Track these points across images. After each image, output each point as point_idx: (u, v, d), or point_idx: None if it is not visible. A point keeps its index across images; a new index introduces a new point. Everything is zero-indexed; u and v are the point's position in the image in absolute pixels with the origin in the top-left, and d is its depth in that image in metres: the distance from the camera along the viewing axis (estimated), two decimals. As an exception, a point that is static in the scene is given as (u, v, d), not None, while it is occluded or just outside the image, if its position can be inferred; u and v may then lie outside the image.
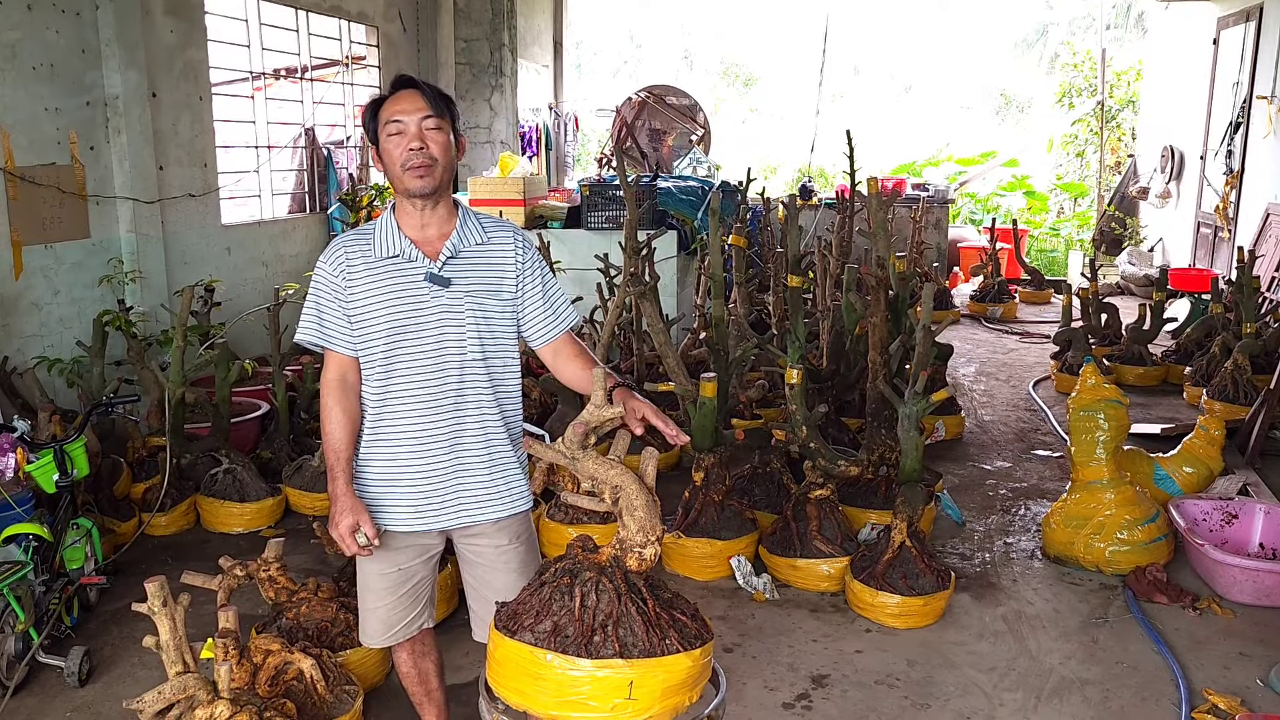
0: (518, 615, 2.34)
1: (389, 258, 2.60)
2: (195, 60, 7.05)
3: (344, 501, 2.58)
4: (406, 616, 2.81)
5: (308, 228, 8.63)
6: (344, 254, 2.61)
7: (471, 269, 2.63)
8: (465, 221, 2.66)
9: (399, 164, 2.54)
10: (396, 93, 2.56)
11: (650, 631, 2.25)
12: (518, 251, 2.69)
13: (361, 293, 2.59)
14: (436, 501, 2.66)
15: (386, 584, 2.75)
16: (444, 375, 2.61)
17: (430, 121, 2.53)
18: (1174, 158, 12.82)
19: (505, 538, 2.75)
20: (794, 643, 4.02)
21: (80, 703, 3.60)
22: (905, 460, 4.44)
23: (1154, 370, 8.14)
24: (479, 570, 2.79)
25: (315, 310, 2.64)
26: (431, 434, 2.62)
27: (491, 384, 2.66)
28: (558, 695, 2.21)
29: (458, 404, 2.63)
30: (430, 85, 2.60)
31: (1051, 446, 6.58)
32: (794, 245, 5.41)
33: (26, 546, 3.83)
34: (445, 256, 2.60)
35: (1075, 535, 4.65)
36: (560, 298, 2.78)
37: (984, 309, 11.32)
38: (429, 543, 2.76)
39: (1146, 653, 3.91)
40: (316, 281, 2.64)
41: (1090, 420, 4.71)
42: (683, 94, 13.82)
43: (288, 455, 5.71)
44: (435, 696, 2.98)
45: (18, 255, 5.67)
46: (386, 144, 2.55)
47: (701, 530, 4.62)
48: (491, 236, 2.68)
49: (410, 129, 2.52)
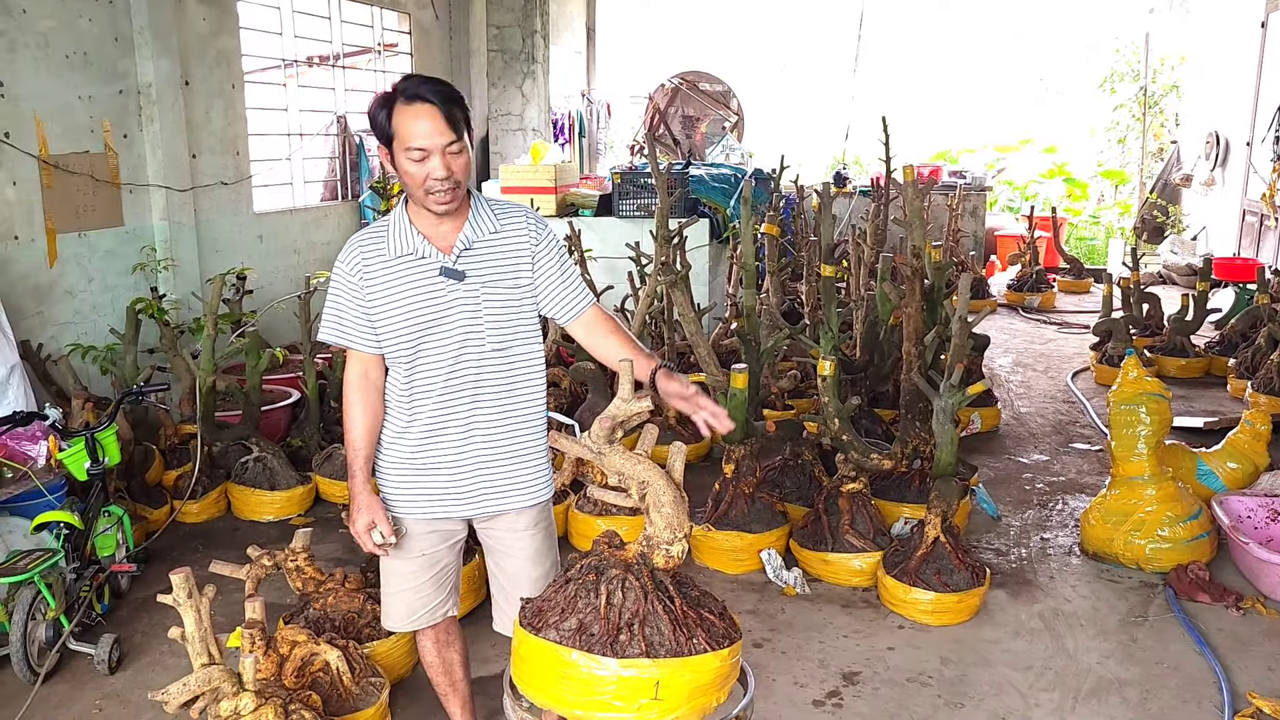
0: (543, 612, 2.31)
1: (403, 255, 2.58)
2: (228, 48, 7.06)
3: (361, 499, 2.63)
4: (430, 602, 2.81)
5: (339, 215, 8.64)
6: (360, 253, 2.60)
7: (486, 259, 2.61)
8: (478, 211, 2.63)
9: (420, 187, 2.49)
10: (412, 104, 2.44)
11: (677, 631, 2.21)
12: (530, 234, 2.66)
13: (380, 292, 2.58)
14: (459, 490, 2.67)
15: (411, 569, 2.76)
16: (463, 367, 2.60)
17: (454, 147, 2.47)
18: (1219, 144, 12.52)
19: (522, 524, 2.75)
20: (825, 639, 3.96)
21: (110, 690, 3.62)
22: (940, 453, 4.35)
23: (1197, 362, 7.96)
24: (498, 556, 2.81)
25: (335, 310, 2.65)
26: (453, 425, 2.63)
27: (510, 374, 2.65)
28: (583, 694, 2.18)
29: (477, 395, 2.62)
30: (444, 92, 2.48)
31: (1090, 439, 6.46)
32: (828, 234, 5.31)
33: (58, 534, 3.86)
34: (459, 250, 2.58)
35: (1115, 531, 4.54)
36: (577, 277, 2.73)
37: (1022, 298, 11.15)
38: (453, 529, 2.77)
39: (1188, 653, 3.81)
40: (335, 281, 2.65)
41: (1131, 414, 4.60)
42: (716, 80, 13.69)
43: (318, 443, 5.72)
44: (460, 688, 2.97)
45: (52, 243, 5.71)
46: (405, 164, 2.48)
47: (731, 523, 4.57)
48: (504, 224, 2.64)
49: (433, 158, 2.45)
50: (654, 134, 13.03)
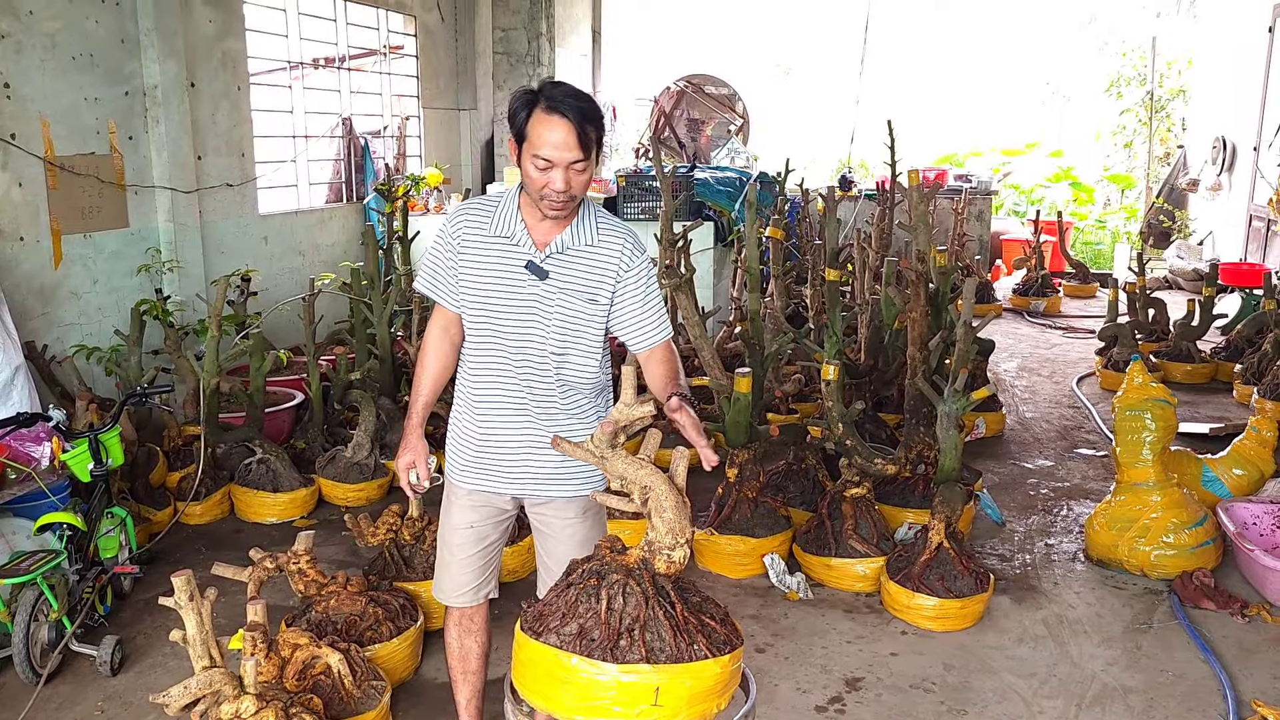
0: (543, 616, 2.30)
1: (500, 236, 2.65)
2: (233, 50, 7.07)
3: (408, 440, 2.79)
4: (476, 580, 2.89)
5: (344, 217, 8.65)
6: (464, 220, 2.69)
7: (573, 268, 2.65)
8: (584, 218, 2.66)
9: (537, 191, 2.53)
10: (550, 116, 2.45)
11: (678, 637, 2.20)
12: (624, 258, 2.67)
13: (469, 262, 2.68)
14: (506, 471, 2.76)
15: (461, 539, 2.85)
16: (521, 360, 2.67)
17: (579, 165, 2.50)
18: (1226, 149, 12.49)
19: (573, 511, 2.82)
20: (827, 644, 3.95)
21: (112, 692, 3.62)
22: (943, 459, 4.34)
23: (1203, 367, 7.93)
24: (544, 539, 2.87)
25: (431, 263, 2.75)
26: (508, 408, 2.72)
27: (560, 380, 2.70)
28: (582, 700, 2.16)
29: (528, 391, 2.70)
30: (583, 109, 2.47)
31: (1095, 445, 6.43)
32: (832, 238, 5.31)
33: (61, 535, 3.86)
34: (551, 250, 2.63)
35: (1119, 538, 4.52)
36: (658, 312, 2.76)
37: (1027, 303, 11.13)
38: (503, 506, 2.84)
39: (1193, 661, 3.79)
40: (437, 237, 2.74)
41: (1137, 420, 4.58)
42: (722, 83, 13.67)
43: (321, 446, 5.72)
44: (471, 679, 3.02)
45: (57, 244, 5.72)
46: (529, 167, 2.51)
47: (735, 527, 4.56)
48: (603, 239, 2.67)
49: (556, 171, 2.48)
50: (659, 137, 13.03)
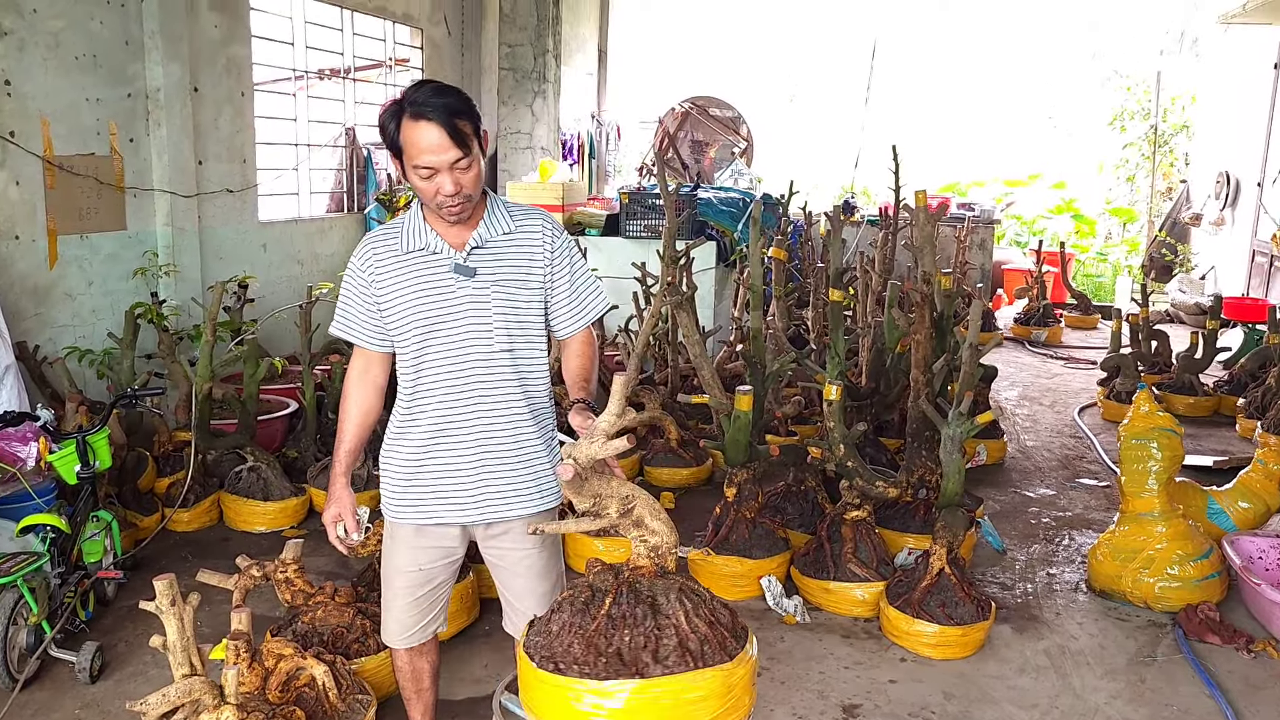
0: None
1: (415, 251, 2.58)
2: (238, 56, 7.04)
3: (333, 491, 2.72)
4: (422, 620, 2.81)
5: (345, 227, 8.59)
6: (372, 250, 2.64)
7: (498, 259, 2.59)
8: (493, 211, 2.61)
9: (431, 200, 2.48)
10: (418, 122, 2.37)
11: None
12: (546, 239, 2.63)
13: (390, 288, 2.59)
14: (463, 495, 2.64)
15: (407, 583, 2.75)
16: (470, 367, 2.58)
17: (462, 163, 2.42)
18: (1229, 184, 12.49)
19: (530, 541, 2.71)
20: (825, 669, 3.86)
21: (90, 700, 3.52)
22: (946, 483, 4.26)
23: (1205, 400, 7.87)
24: (501, 573, 2.79)
25: (344, 304, 2.68)
26: (458, 425, 2.61)
27: (518, 377, 2.62)
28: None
29: (484, 396, 2.60)
30: (449, 106, 2.38)
31: (1097, 475, 6.36)
32: (836, 258, 5.25)
33: (44, 537, 3.78)
34: (471, 246, 2.57)
35: (1123, 568, 4.44)
36: (588, 290, 2.71)
37: (1028, 332, 11.08)
38: (451, 545, 2.74)
39: (1198, 696, 3.71)
40: (347, 277, 2.67)
41: (1143, 449, 4.51)
42: (726, 105, 13.70)
43: (314, 455, 5.64)
44: (425, 696, 2.99)
45: (53, 244, 5.65)
46: (414, 179, 2.46)
47: (732, 548, 4.48)
48: (519, 225, 2.63)
49: (441, 175, 2.42)
50: (663, 157, 13.02)
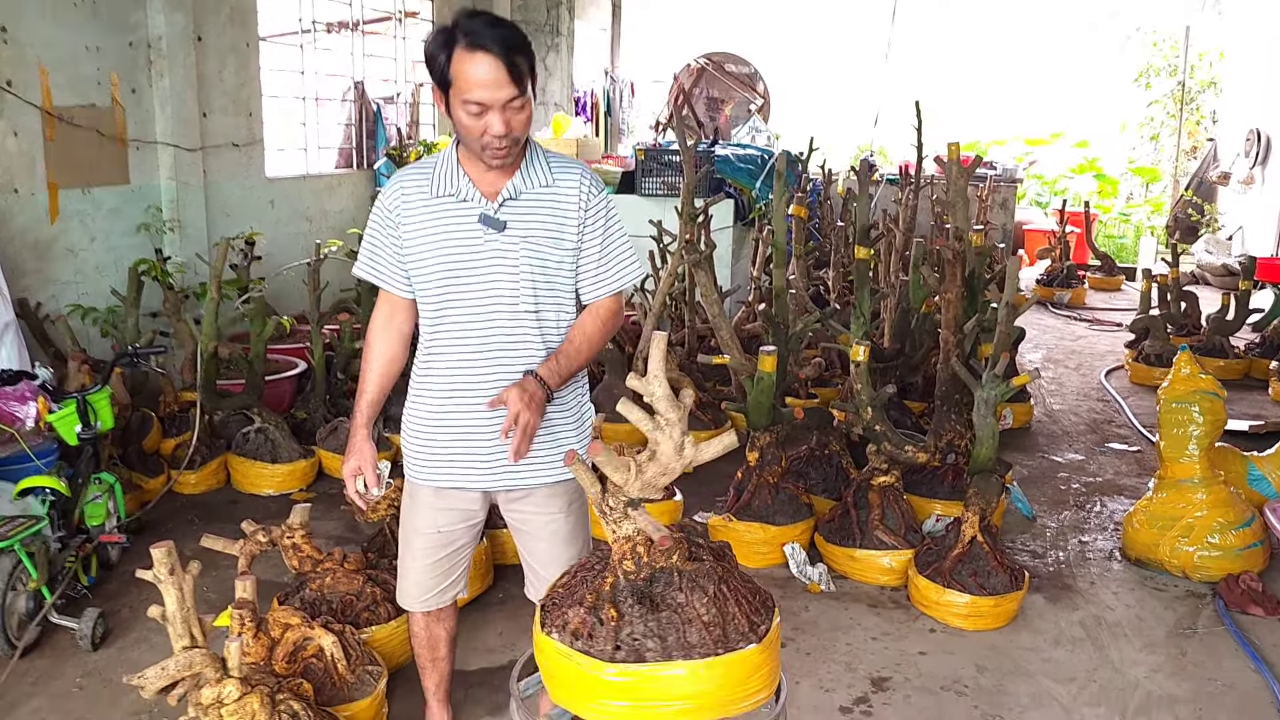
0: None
1: (445, 195, 2.40)
2: (243, 5, 6.82)
3: (354, 443, 2.54)
4: (441, 584, 2.69)
5: (354, 183, 8.40)
6: (400, 189, 2.45)
7: (531, 213, 2.40)
8: (532, 161, 2.42)
9: (476, 142, 2.28)
10: (474, 53, 2.19)
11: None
12: (583, 195, 2.44)
13: (414, 231, 2.43)
14: (483, 460, 2.49)
15: (426, 544, 2.63)
16: (493, 327, 2.42)
17: (516, 102, 2.23)
18: (1260, 141, 12.17)
19: (555, 506, 2.56)
20: (852, 640, 3.72)
21: (91, 667, 3.41)
22: (979, 448, 4.08)
23: (1236, 363, 7.67)
24: (524, 538, 2.65)
25: (370, 245, 2.52)
26: (477, 387, 2.44)
27: (543, 338, 2.45)
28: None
29: (506, 357, 2.43)
30: (508, 38, 2.22)
31: (1127, 440, 6.18)
32: (863, 214, 5.04)
33: (44, 500, 3.65)
34: (504, 198, 2.38)
35: (1160, 537, 4.28)
36: (620, 255, 2.52)
37: (1051, 294, 10.88)
38: (472, 508, 2.60)
39: (1242, 670, 3.55)
40: (373, 216, 2.51)
41: (1183, 413, 4.34)
42: (743, 61, 13.38)
43: (323, 416, 5.51)
44: (440, 666, 2.89)
45: (54, 198, 5.49)
46: (461, 115, 2.25)
47: (754, 514, 4.33)
48: (558, 178, 2.43)
49: (492, 114, 2.22)
50: (680, 113, 12.74)
